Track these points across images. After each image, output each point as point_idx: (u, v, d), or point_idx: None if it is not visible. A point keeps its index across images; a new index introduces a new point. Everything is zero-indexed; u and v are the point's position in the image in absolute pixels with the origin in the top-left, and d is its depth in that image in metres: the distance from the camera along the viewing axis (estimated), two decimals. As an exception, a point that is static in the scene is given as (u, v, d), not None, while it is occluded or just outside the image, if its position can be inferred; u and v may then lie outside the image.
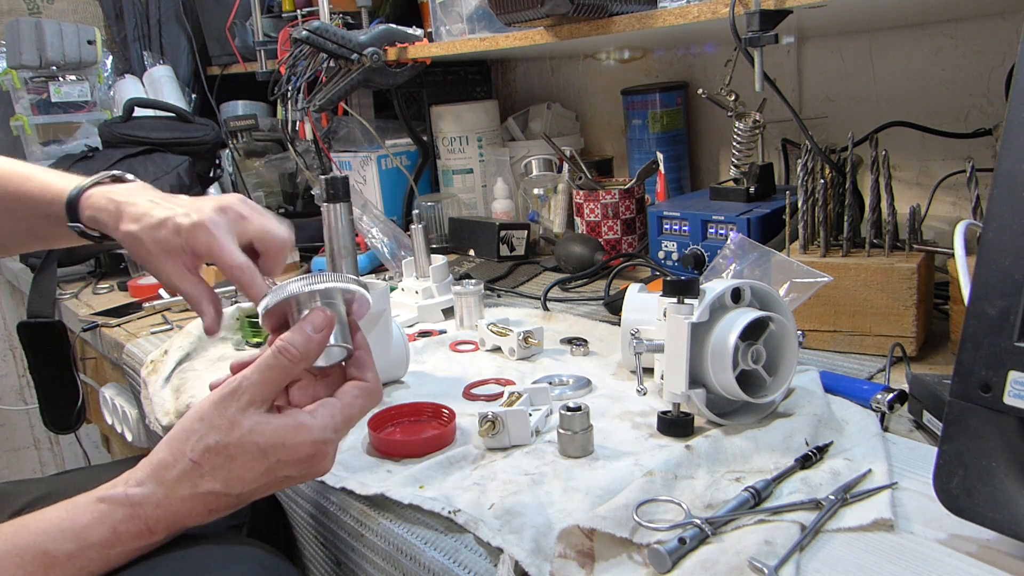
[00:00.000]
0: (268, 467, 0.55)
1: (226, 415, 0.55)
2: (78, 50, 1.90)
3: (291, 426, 0.55)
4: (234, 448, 0.54)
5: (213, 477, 0.54)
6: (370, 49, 1.44)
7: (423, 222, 1.17)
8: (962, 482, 0.53)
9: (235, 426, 0.55)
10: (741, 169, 1.20)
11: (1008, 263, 0.51)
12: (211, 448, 0.54)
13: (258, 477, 0.55)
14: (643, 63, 1.63)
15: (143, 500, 0.54)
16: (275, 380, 0.56)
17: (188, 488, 0.54)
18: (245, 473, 0.55)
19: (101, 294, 1.52)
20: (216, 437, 0.54)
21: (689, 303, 0.71)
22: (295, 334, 0.57)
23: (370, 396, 0.59)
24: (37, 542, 0.52)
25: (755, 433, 0.69)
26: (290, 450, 0.55)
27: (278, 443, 0.55)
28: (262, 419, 0.55)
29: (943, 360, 0.85)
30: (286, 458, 0.55)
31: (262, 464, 0.55)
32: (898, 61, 1.23)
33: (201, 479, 0.54)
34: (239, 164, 1.85)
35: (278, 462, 0.55)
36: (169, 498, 0.54)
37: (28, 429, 2.36)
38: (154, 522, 0.54)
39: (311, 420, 0.56)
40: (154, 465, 0.55)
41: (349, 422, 0.58)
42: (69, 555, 0.52)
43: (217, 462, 0.54)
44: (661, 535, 0.55)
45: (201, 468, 0.54)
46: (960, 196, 1.19)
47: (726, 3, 0.94)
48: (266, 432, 0.55)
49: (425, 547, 0.61)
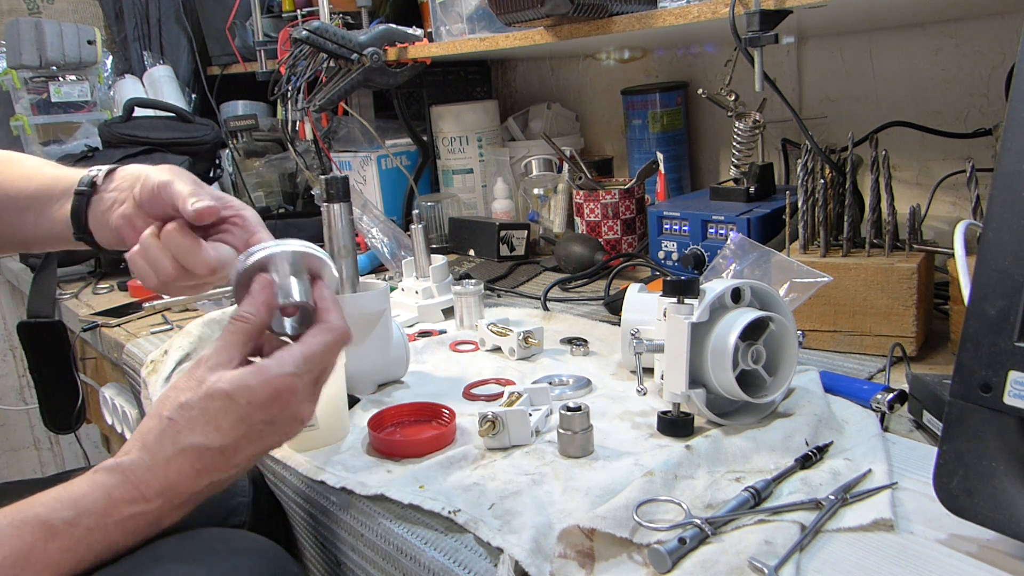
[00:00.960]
0: (240, 414, 0.57)
1: (194, 376, 0.59)
2: (78, 50, 1.90)
3: (251, 370, 0.59)
4: (204, 400, 0.57)
5: (190, 430, 0.57)
6: (370, 49, 1.44)
7: (423, 222, 1.17)
8: (962, 482, 0.53)
9: (203, 383, 0.58)
10: (741, 169, 1.20)
11: (1008, 263, 0.51)
12: (183, 404, 0.57)
13: (234, 425, 0.57)
14: (643, 63, 1.63)
15: (132, 465, 0.56)
16: (234, 342, 0.60)
17: (169, 445, 0.56)
18: (220, 421, 0.57)
19: (101, 294, 1.52)
20: (186, 395, 0.58)
21: (689, 303, 0.71)
22: (248, 302, 0.62)
23: (330, 332, 0.62)
24: (36, 513, 0.54)
25: (755, 433, 0.69)
26: (255, 390, 0.57)
27: (241, 385, 0.57)
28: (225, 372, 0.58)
29: (943, 360, 0.85)
30: (253, 399, 0.57)
31: (233, 411, 0.57)
32: (898, 61, 1.23)
33: (179, 434, 0.57)
34: (239, 164, 1.85)
35: (247, 404, 0.57)
36: (155, 459, 0.56)
37: (28, 429, 2.36)
38: (146, 486, 0.56)
39: (268, 361, 0.59)
40: (139, 434, 0.58)
41: (310, 359, 0.60)
42: (67, 523, 0.53)
43: (191, 415, 0.57)
44: (661, 535, 0.55)
45: (177, 424, 0.57)
46: (960, 196, 1.19)
47: (726, 3, 0.94)
48: (229, 379, 0.58)
49: (425, 547, 0.61)
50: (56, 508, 0.54)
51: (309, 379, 0.60)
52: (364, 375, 0.89)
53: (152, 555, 0.59)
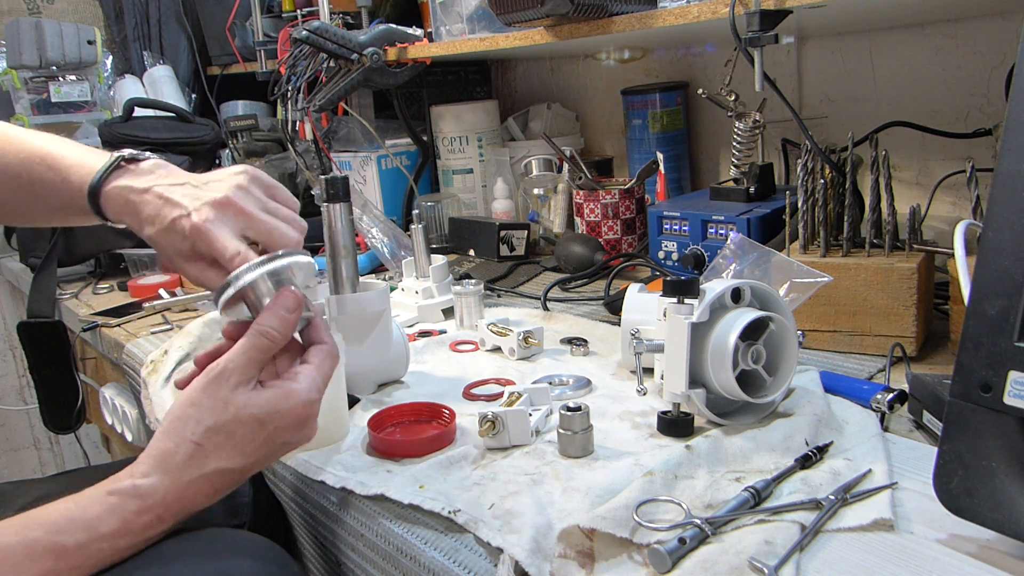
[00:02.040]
0: (267, 436, 0.58)
1: (218, 396, 0.58)
2: (78, 50, 1.90)
3: (280, 395, 0.59)
4: (232, 424, 0.57)
5: (217, 456, 0.57)
6: (370, 49, 1.44)
7: (423, 222, 1.17)
8: (962, 482, 0.53)
9: (229, 404, 0.57)
10: (741, 169, 1.20)
11: (1008, 263, 0.51)
12: (211, 428, 0.56)
13: (259, 448, 0.58)
14: (643, 63, 1.63)
15: (152, 490, 0.55)
16: (258, 360, 0.60)
17: (195, 471, 0.56)
18: (246, 446, 0.57)
19: (101, 294, 1.52)
20: (214, 418, 0.57)
21: (689, 303, 0.71)
22: (271, 317, 0.60)
23: (334, 356, 0.64)
24: (47, 534, 0.53)
25: (755, 433, 0.69)
26: (284, 415, 0.58)
27: (273, 411, 0.58)
28: (252, 394, 0.58)
29: (943, 360, 0.85)
30: (282, 424, 0.58)
31: (261, 434, 0.58)
32: (898, 61, 1.23)
33: (206, 459, 0.56)
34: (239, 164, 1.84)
35: (275, 429, 0.58)
36: (176, 484, 0.56)
37: (28, 429, 2.36)
38: (164, 510, 0.56)
39: (297, 386, 0.60)
40: (157, 455, 0.57)
41: (325, 382, 0.62)
42: (79, 545, 0.53)
43: (219, 440, 0.56)
44: (661, 535, 0.55)
45: (204, 449, 0.56)
46: (960, 196, 1.19)
47: (726, 3, 0.94)
48: (260, 404, 0.58)
49: (425, 547, 0.61)
50: (69, 530, 0.53)
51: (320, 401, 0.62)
52: (364, 375, 0.89)
53: (153, 555, 0.60)
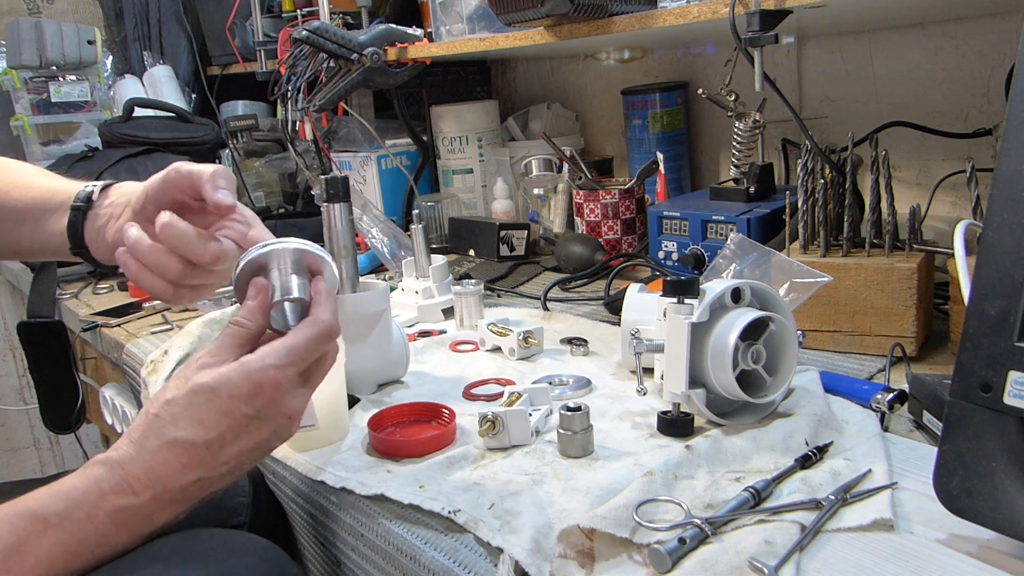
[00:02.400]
0: (223, 408, 0.58)
1: (182, 375, 0.60)
2: (78, 50, 1.90)
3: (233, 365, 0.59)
4: (188, 395, 0.58)
5: (174, 424, 0.58)
6: (370, 49, 1.44)
7: (423, 222, 1.17)
8: (962, 482, 0.53)
9: (188, 380, 0.59)
10: (741, 169, 1.20)
11: (1008, 263, 0.51)
12: (168, 400, 0.59)
13: (218, 420, 0.58)
14: (643, 63, 1.63)
15: (120, 459, 0.57)
16: (228, 345, 0.61)
17: (155, 439, 0.57)
18: (203, 416, 0.58)
19: (101, 294, 1.52)
20: (172, 392, 0.59)
21: (689, 303, 0.71)
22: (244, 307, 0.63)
23: (314, 325, 0.62)
24: (27, 507, 0.54)
25: (755, 433, 0.69)
26: (237, 384, 0.58)
27: (223, 379, 0.58)
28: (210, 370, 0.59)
29: (943, 360, 0.85)
30: (235, 392, 0.58)
31: (216, 404, 0.58)
32: (898, 61, 1.23)
33: (163, 428, 0.58)
34: (239, 164, 1.85)
35: (230, 398, 0.58)
36: (141, 452, 0.57)
37: (28, 429, 2.36)
38: (134, 479, 0.57)
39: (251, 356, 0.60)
40: (128, 430, 0.60)
41: (293, 351, 0.60)
42: (58, 515, 0.54)
43: (175, 411, 0.58)
44: (661, 535, 0.55)
45: (161, 418, 0.58)
46: (960, 196, 1.19)
47: (726, 3, 0.94)
48: (213, 374, 0.59)
49: (425, 547, 0.61)
50: (47, 501, 0.55)
51: (293, 372, 0.60)
52: (364, 375, 0.89)
53: (151, 556, 0.60)
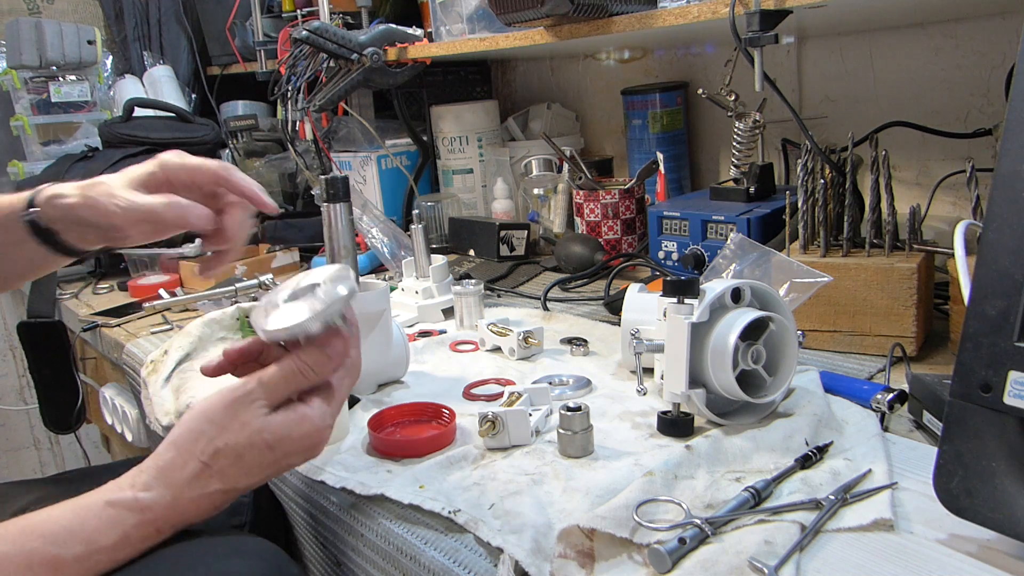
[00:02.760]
0: (274, 459, 0.58)
1: (238, 418, 0.57)
2: (78, 50, 1.90)
3: (294, 420, 0.58)
4: (244, 448, 0.56)
5: (222, 477, 0.56)
6: (370, 49, 1.44)
7: (423, 222, 1.17)
8: (962, 482, 0.53)
9: (245, 428, 0.56)
10: (741, 169, 1.20)
11: (1008, 263, 0.51)
12: (221, 451, 0.56)
13: (264, 469, 0.57)
14: (643, 63, 1.63)
15: (152, 504, 0.55)
16: (288, 391, 0.59)
17: (197, 489, 0.56)
18: (252, 468, 0.57)
19: (101, 294, 1.52)
20: (226, 439, 0.56)
21: (689, 303, 0.71)
22: (317, 356, 0.59)
23: (353, 373, 0.62)
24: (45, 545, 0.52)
25: (755, 433, 0.69)
26: (295, 442, 0.58)
27: (284, 436, 0.57)
28: (268, 419, 0.57)
29: (943, 360, 0.85)
30: (291, 449, 0.58)
31: (269, 457, 0.57)
32: (898, 61, 1.23)
33: (210, 479, 0.56)
34: (239, 164, 1.84)
35: (284, 454, 0.58)
36: (178, 500, 0.55)
37: (28, 429, 2.36)
38: (163, 523, 0.55)
39: (311, 411, 0.59)
40: (162, 468, 0.56)
41: (339, 406, 0.61)
42: (77, 558, 0.53)
43: (227, 463, 0.56)
44: (661, 535, 0.55)
45: (210, 469, 0.56)
46: (960, 196, 1.19)
47: (726, 3, 0.94)
48: (273, 429, 0.57)
49: (425, 547, 0.61)
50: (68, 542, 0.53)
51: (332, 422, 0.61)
52: (364, 375, 0.88)
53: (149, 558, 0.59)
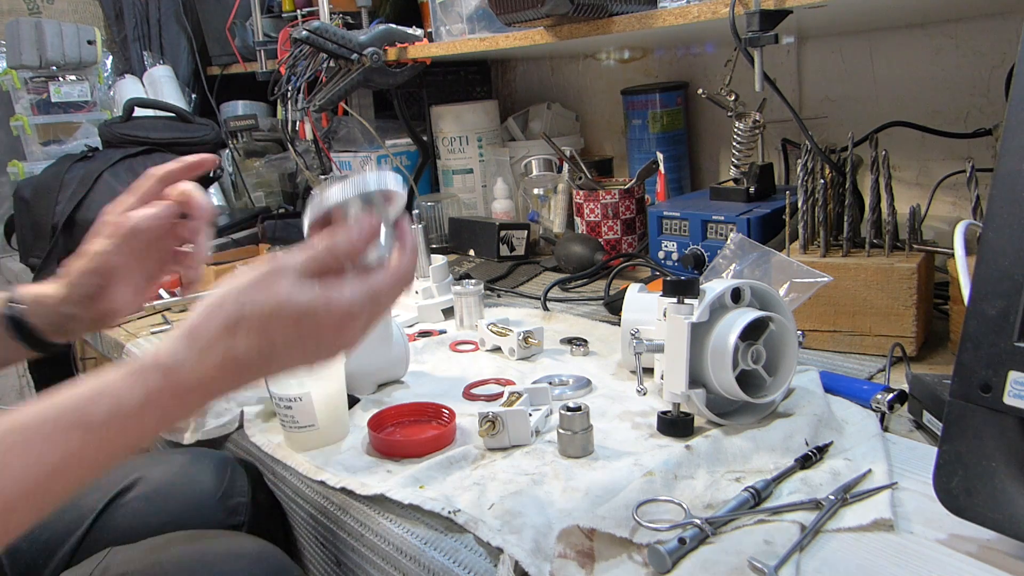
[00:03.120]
0: (299, 335, 0.55)
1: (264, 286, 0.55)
2: (78, 50, 1.90)
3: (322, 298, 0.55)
4: (268, 316, 0.54)
5: (247, 340, 0.54)
6: (370, 49, 1.44)
7: (423, 222, 1.17)
8: (962, 482, 0.53)
9: (271, 296, 0.54)
10: (741, 169, 1.20)
11: (1008, 263, 0.51)
12: (246, 316, 0.54)
13: (289, 345, 0.55)
14: (643, 63, 1.63)
15: (175, 365, 0.53)
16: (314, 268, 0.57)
17: (220, 351, 0.53)
18: (277, 338, 0.54)
19: (101, 294, 1.52)
20: (252, 306, 0.54)
21: (689, 303, 0.71)
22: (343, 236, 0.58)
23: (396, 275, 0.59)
24: (74, 407, 0.51)
25: (755, 433, 0.69)
26: (322, 322, 0.55)
27: (310, 313, 0.55)
28: (297, 289, 0.55)
29: (943, 360, 0.85)
30: (318, 331, 0.55)
31: (294, 331, 0.55)
32: (898, 61, 1.23)
33: (235, 344, 0.53)
34: (239, 164, 1.85)
35: (310, 334, 0.55)
36: (202, 362, 0.53)
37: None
38: (186, 389, 0.53)
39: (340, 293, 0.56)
40: (185, 331, 0.54)
41: (376, 298, 0.57)
42: (106, 418, 0.51)
43: (251, 325, 0.54)
44: (661, 535, 0.55)
45: (235, 335, 0.54)
46: (960, 196, 1.19)
47: (726, 3, 0.94)
48: (299, 302, 0.55)
49: (425, 547, 0.61)
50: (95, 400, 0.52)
51: (367, 317, 0.58)
52: (364, 375, 0.89)
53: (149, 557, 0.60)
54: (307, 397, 0.76)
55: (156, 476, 0.81)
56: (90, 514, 0.78)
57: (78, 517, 0.78)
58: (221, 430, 0.87)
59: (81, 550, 0.76)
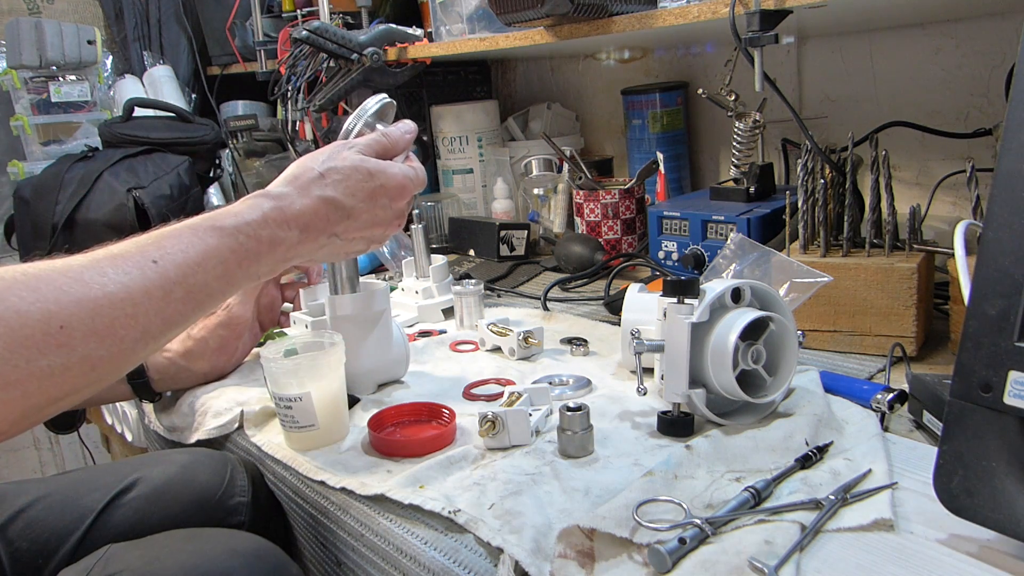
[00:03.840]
0: (371, 189, 0.71)
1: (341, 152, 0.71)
2: (78, 50, 1.90)
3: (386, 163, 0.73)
4: (349, 169, 0.70)
5: (334, 186, 0.69)
6: (370, 49, 1.44)
7: (423, 222, 1.17)
8: (962, 482, 0.53)
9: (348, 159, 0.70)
10: (741, 169, 1.20)
11: (1008, 263, 0.51)
12: (332, 168, 0.69)
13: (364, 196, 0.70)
14: (643, 63, 1.63)
15: (283, 196, 0.66)
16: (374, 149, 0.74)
17: (317, 191, 0.68)
18: (355, 189, 0.69)
19: (101, 294, 1.52)
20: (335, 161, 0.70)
21: (689, 303, 0.71)
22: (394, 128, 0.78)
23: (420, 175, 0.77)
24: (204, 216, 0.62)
25: (755, 433, 0.69)
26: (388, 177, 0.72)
27: (380, 169, 0.71)
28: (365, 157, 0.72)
29: (943, 360, 0.85)
30: (385, 182, 0.71)
31: (369, 184, 0.70)
32: (898, 61, 1.23)
33: (325, 186, 0.68)
34: (239, 164, 1.85)
35: (380, 186, 0.71)
36: (301, 196, 0.67)
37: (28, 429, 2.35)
38: (291, 216, 0.66)
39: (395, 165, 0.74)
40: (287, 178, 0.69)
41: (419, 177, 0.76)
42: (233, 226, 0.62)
43: (337, 176, 0.69)
44: (661, 535, 0.55)
45: (325, 179, 0.69)
46: (960, 196, 1.19)
47: (726, 3, 0.94)
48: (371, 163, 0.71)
49: (425, 547, 0.61)
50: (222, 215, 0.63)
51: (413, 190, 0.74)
52: (364, 375, 0.89)
53: (149, 555, 0.60)
54: (307, 397, 0.76)
55: (156, 476, 0.81)
56: (90, 514, 0.78)
57: (78, 517, 0.78)
58: (221, 430, 0.87)
59: (81, 550, 0.76)
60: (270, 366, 0.77)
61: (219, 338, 0.93)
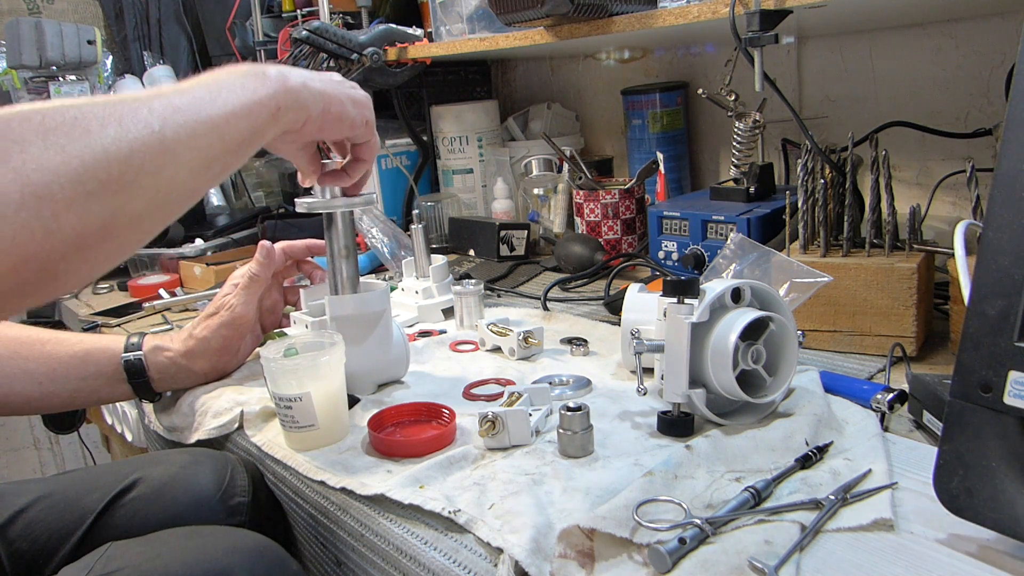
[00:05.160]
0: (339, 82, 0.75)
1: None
2: (78, 50, 1.90)
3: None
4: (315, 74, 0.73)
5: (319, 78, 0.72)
6: (370, 49, 1.44)
7: (423, 222, 1.17)
8: (962, 482, 0.53)
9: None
10: (741, 169, 1.20)
11: (1008, 263, 0.51)
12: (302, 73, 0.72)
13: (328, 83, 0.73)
14: (643, 63, 1.63)
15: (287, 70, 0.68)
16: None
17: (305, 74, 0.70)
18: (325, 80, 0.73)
19: (101, 294, 1.52)
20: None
21: (689, 303, 0.71)
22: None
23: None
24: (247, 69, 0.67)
25: (755, 433, 0.69)
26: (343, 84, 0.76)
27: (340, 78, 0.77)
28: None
29: (943, 360, 0.85)
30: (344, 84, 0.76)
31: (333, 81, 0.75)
32: (898, 61, 1.23)
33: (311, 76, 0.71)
34: (239, 164, 1.84)
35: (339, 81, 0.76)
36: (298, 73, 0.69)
37: (28, 429, 2.36)
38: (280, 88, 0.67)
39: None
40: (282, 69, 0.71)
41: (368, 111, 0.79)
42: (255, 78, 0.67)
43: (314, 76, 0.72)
44: (661, 535, 0.55)
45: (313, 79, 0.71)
46: (960, 196, 1.19)
47: (726, 3, 0.94)
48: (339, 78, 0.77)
49: (425, 547, 0.61)
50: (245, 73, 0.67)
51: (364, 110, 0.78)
52: (364, 375, 0.89)
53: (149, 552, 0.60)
54: (307, 397, 0.76)
55: (156, 476, 0.81)
56: (90, 514, 0.78)
57: (79, 517, 0.78)
58: (221, 430, 0.87)
59: (81, 550, 0.76)
60: (270, 366, 0.77)
61: (222, 338, 0.93)
